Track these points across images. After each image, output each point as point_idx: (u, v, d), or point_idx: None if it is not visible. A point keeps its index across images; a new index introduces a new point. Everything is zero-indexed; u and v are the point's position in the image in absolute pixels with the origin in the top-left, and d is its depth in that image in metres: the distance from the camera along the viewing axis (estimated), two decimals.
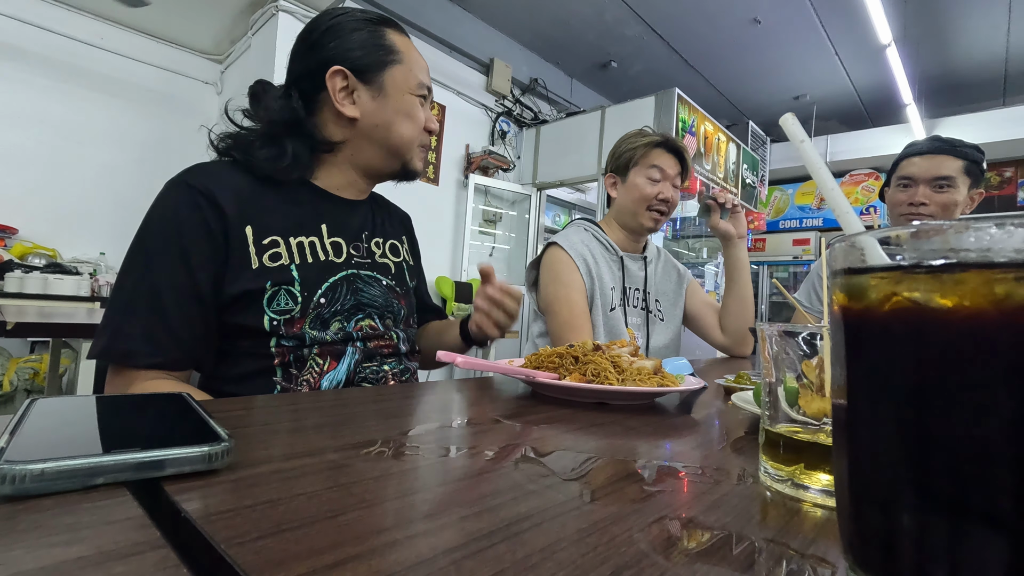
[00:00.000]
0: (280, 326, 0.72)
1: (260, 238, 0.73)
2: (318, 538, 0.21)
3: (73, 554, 0.19)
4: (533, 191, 4.57)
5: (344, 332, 0.78)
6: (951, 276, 0.16)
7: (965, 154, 1.30)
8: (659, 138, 1.33)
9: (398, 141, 0.84)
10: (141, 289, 0.66)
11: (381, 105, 0.82)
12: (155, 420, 0.35)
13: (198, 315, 0.68)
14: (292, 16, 3.31)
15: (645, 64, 5.05)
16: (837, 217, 0.26)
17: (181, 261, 0.67)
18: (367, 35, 0.81)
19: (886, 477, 0.18)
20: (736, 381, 0.72)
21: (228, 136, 0.80)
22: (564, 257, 1.27)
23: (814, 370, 0.33)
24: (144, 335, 0.64)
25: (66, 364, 2.62)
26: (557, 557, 0.21)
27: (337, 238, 0.82)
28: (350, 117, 0.81)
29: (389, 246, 0.92)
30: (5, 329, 1.21)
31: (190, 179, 0.72)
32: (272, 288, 0.72)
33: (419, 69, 0.85)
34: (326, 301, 0.77)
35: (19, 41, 3.29)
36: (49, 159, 3.42)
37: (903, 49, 4.45)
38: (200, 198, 0.70)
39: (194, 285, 0.68)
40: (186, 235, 0.68)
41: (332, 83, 0.79)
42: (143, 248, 0.68)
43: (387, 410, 0.48)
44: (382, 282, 0.86)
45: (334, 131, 0.82)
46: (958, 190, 1.29)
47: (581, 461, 0.36)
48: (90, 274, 3.29)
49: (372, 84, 0.81)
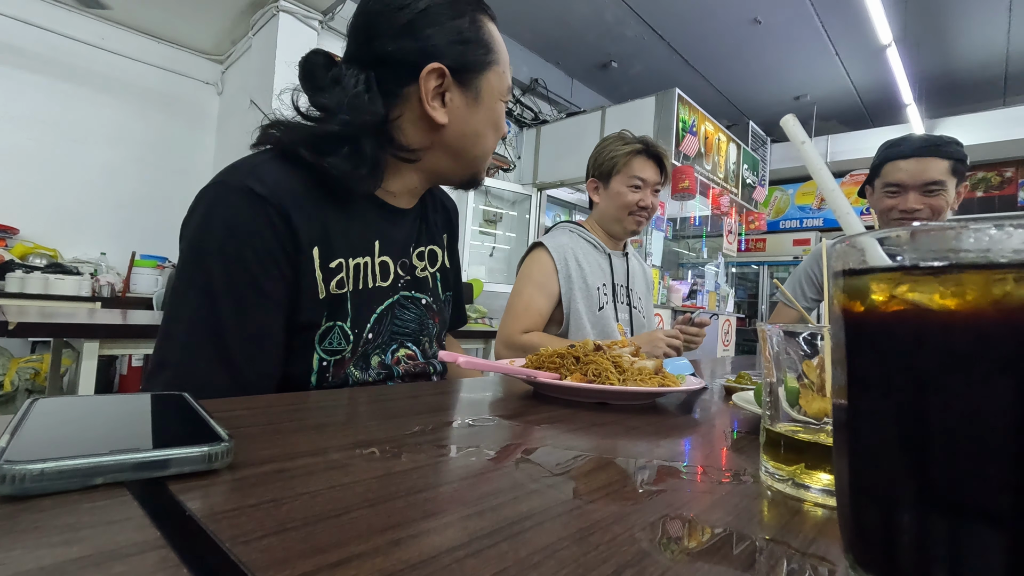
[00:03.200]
0: (329, 368, 0.63)
1: (326, 260, 0.62)
2: (322, 536, 0.21)
3: (73, 554, 0.19)
4: (533, 191, 4.57)
5: (385, 367, 0.69)
6: (951, 277, 0.17)
7: (950, 153, 1.27)
8: (640, 146, 1.35)
9: (481, 153, 0.73)
10: (202, 324, 0.56)
11: (472, 112, 0.69)
12: (155, 420, 0.35)
13: (266, 354, 0.59)
14: (292, 16, 3.31)
15: (645, 64, 5.05)
16: (837, 218, 0.26)
17: (251, 293, 0.57)
18: (468, 24, 0.67)
19: (886, 477, 0.18)
20: (737, 381, 0.72)
21: (284, 125, 0.65)
22: (545, 259, 1.30)
23: (815, 370, 0.33)
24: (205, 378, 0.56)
25: (67, 364, 2.62)
26: (559, 556, 0.21)
27: (386, 257, 0.70)
28: (437, 122, 0.67)
29: (429, 254, 0.79)
30: (6, 329, 1.21)
31: (256, 186, 0.58)
32: (327, 323, 0.63)
33: (509, 70, 0.73)
34: (373, 336, 0.67)
35: (19, 41, 3.29)
36: (49, 159, 3.42)
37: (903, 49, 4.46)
38: (273, 214, 0.58)
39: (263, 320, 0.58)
40: (259, 261, 0.57)
41: (427, 82, 0.65)
42: (203, 270, 0.57)
43: (388, 410, 0.48)
44: (420, 302, 0.76)
45: (415, 136, 0.69)
46: (948, 192, 1.27)
47: (582, 461, 0.36)
48: (91, 274, 3.30)
49: (468, 87, 0.68)
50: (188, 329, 0.56)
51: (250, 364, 0.58)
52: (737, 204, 4.72)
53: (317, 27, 3.44)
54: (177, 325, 0.57)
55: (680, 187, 3.76)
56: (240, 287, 0.57)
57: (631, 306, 1.40)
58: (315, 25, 3.42)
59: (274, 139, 0.64)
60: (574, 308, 1.27)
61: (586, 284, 1.30)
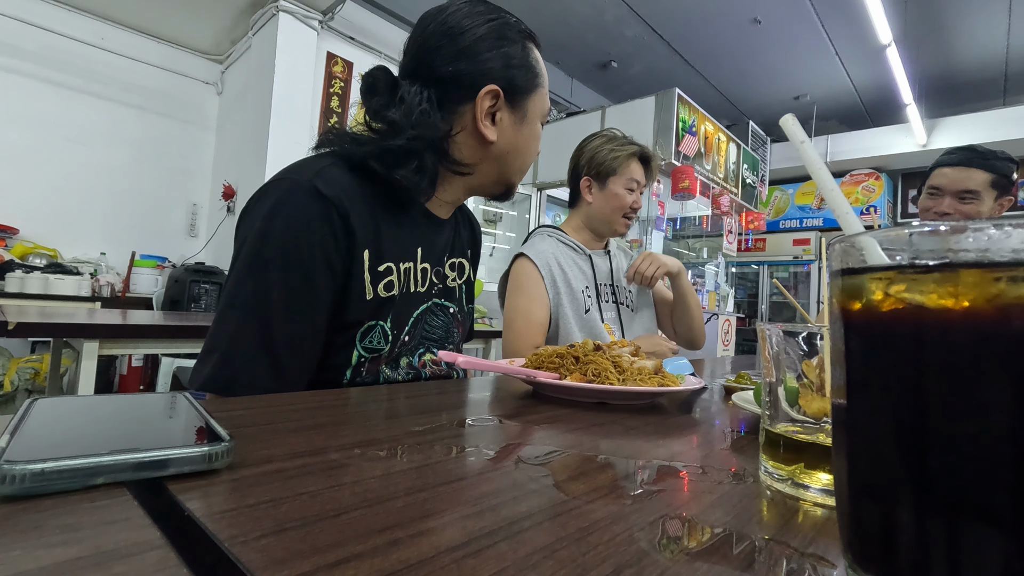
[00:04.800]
0: (365, 363, 0.67)
1: (376, 263, 0.65)
2: (321, 536, 0.21)
3: (73, 554, 0.19)
4: (533, 191, 4.57)
5: (412, 368, 0.73)
6: (950, 276, 0.17)
7: (994, 167, 1.35)
8: (638, 149, 1.38)
9: (520, 167, 0.78)
10: (253, 313, 0.59)
11: (518, 131, 0.75)
12: (155, 420, 0.35)
13: (308, 348, 0.62)
14: (292, 16, 3.31)
15: (645, 64, 5.05)
16: (837, 217, 0.26)
17: (304, 290, 0.60)
18: (520, 50, 0.73)
19: (885, 476, 0.18)
20: (737, 381, 0.72)
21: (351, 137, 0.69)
22: (530, 269, 1.29)
23: (814, 370, 0.33)
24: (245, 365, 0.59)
25: (67, 364, 2.62)
26: (558, 556, 0.21)
27: (426, 264, 0.74)
28: (488, 139, 0.72)
29: (458, 265, 0.84)
30: (6, 329, 1.21)
31: (322, 186, 0.61)
32: (370, 322, 0.66)
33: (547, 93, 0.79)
34: (408, 339, 0.71)
35: (19, 41, 3.29)
36: (49, 159, 3.42)
37: (903, 49, 4.45)
38: (335, 216, 0.61)
39: (310, 316, 0.61)
40: (314, 261, 0.60)
41: (483, 102, 0.70)
42: (262, 262, 0.59)
43: (388, 410, 0.48)
44: (449, 310, 0.80)
45: (468, 152, 0.73)
46: (983, 202, 1.34)
47: (582, 460, 0.36)
48: (91, 274, 3.30)
49: (518, 108, 0.74)
50: (240, 317, 0.59)
51: (291, 357, 0.61)
52: (737, 204, 4.72)
53: (317, 27, 3.44)
54: (231, 312, 0.60)
55: (680, 187, 3.76)
56: (294, 281, 0.60)
57: (618, 303, 1.39)
58: (315, 25, 3.42)
59: (341, 148, 0.68)
60: (562, 313, 1.27)
61: (571, 288, 1.30)
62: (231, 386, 0.57)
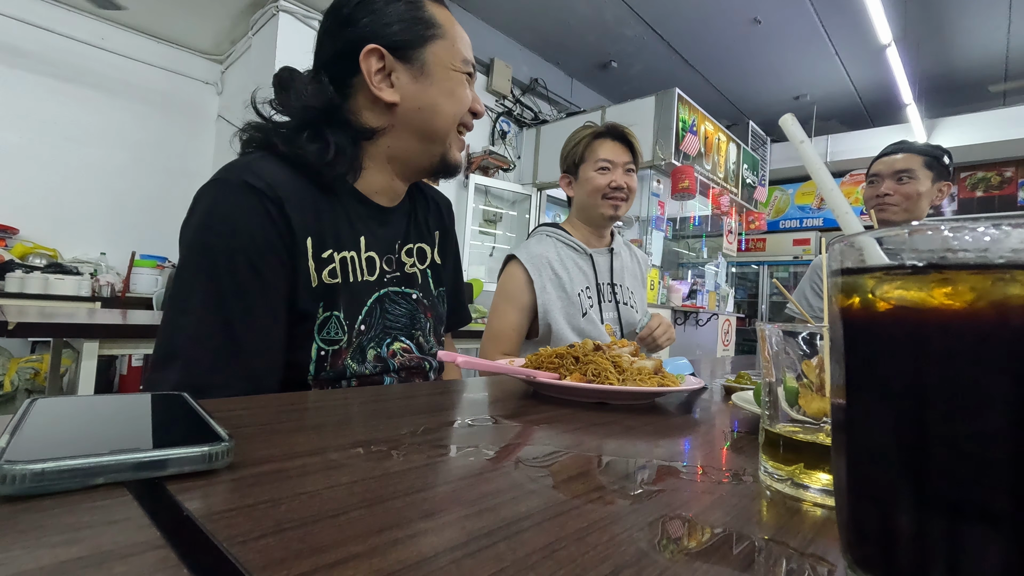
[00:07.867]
0: (327, 358, 0.66)
1: (319, 250, 0.66)
2: (320, 537, 0.21)
3: (73, 554, 0.19)
4: (533, 191, 4.57)
5: (381, 361, 0.73)
6: (948, 276, 0.17)
7: (924, 149, 1.47)
8: (601, 128, 1.37)
9: (442, 126, 0.75)
10: (210, 314, 0.59)
11: (423, 86, 0.73)
12: (155, 420, 0.35)
13: (272, 342, 0.62)
14: (292, 16, 3.31)
15: (645, 64, 5.05)
16: (836, 217, 0.26)
17: (254, 282, 0.60)
18: (404, 7, 0.72)
19: (885, 476, 0.18)
20: (737, 381, 0.72)
21: (256, 127, 0.71)
22: (517, 273, 1.30)
23: (814, 370, 0.33)
24: (213, 367, 0.58)
25: (67, 364, 2.62)
26: (557, 556, 0.21)
27: (372, 252, 0.74)
28: (389, 102, 0.72)
29: (418, 251, 0.83)
30: (6, 329, 1.21)
31: (252, 180, 0.62)
32: (324, 313, 0.66)
33: (463, 43, 0.76)
34: (365, 328, 0.71)
35: (19, 41, 3.29)
36: (49, 159, 3.42)
37: (903, 49, 4.45)
38: (269, 205, 0.62)
39: (267, 308, 0.62)
40: (258, 250, 0.61)
41: (367, 64, 0.70)
42: (208, 262, 0.60)
43: (387, 410, 0.48)
44: (411, 296, 0.80)
45: (371, 118, 0.73)
46: (920, 181, 1.44)
47: (581, 461, 0.36)
48: (91, 274, 3.30)
49: (412, 63, 0.72)
50: (197, 320, 0.58)
51: (259, 353, 0.61)
52: (737, 204, 4.72)
53: (316, 27, 3.44)
54: (185, 317, 0.59)
55: (680, 187, 3.76)
56: (244, 278, 0.60)
57: (618, 303, 1.39)
58: (314, 25, 3.42)
59: (256, 140, 0.71)
60: (553, 319, 1.26)
61: (565, 293, 1.29)
62: (204, 391, 0.53)
